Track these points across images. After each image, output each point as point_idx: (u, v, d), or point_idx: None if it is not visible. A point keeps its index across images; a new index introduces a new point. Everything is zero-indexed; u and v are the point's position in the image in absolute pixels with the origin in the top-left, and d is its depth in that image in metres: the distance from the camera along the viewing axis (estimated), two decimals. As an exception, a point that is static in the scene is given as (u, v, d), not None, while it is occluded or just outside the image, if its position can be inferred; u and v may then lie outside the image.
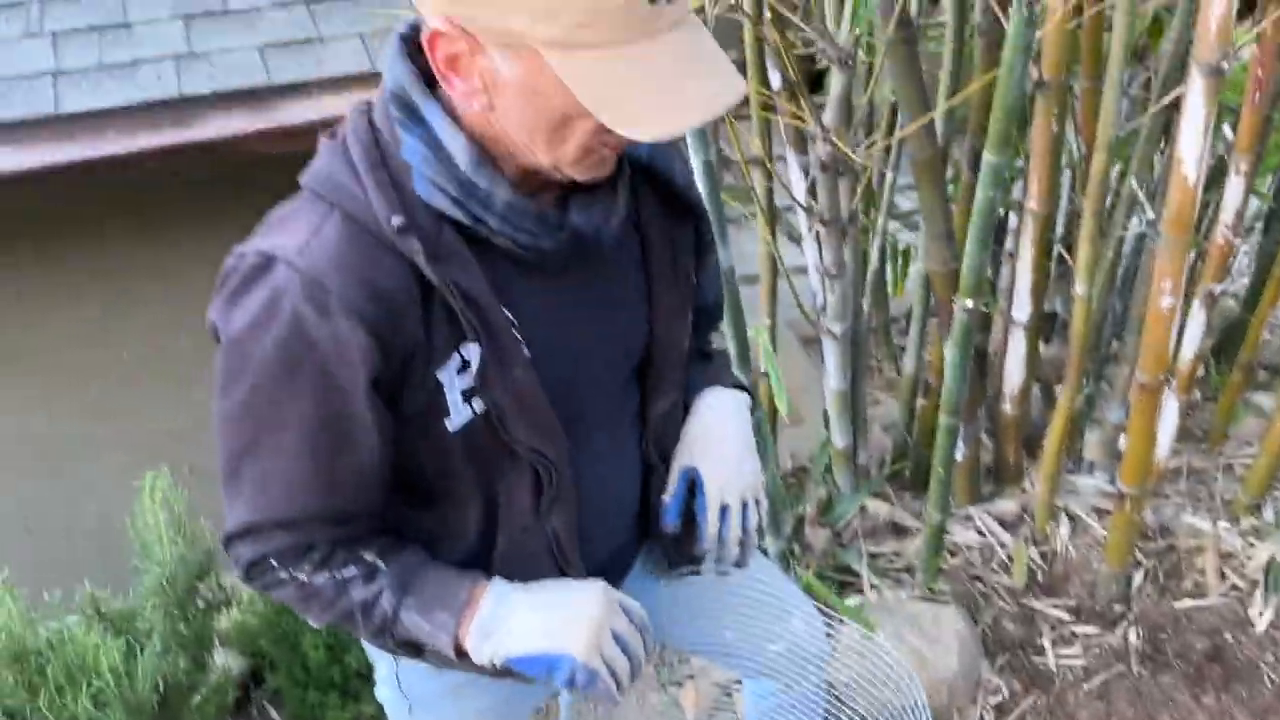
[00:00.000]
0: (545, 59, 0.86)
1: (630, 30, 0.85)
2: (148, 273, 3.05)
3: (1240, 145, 2.08)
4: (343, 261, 0.93)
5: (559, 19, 0.84)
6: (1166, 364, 2.01)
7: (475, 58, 0.89)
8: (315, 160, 1.00)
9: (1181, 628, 2.24)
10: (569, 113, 0.90)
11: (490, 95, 0.92)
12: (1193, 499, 2.68)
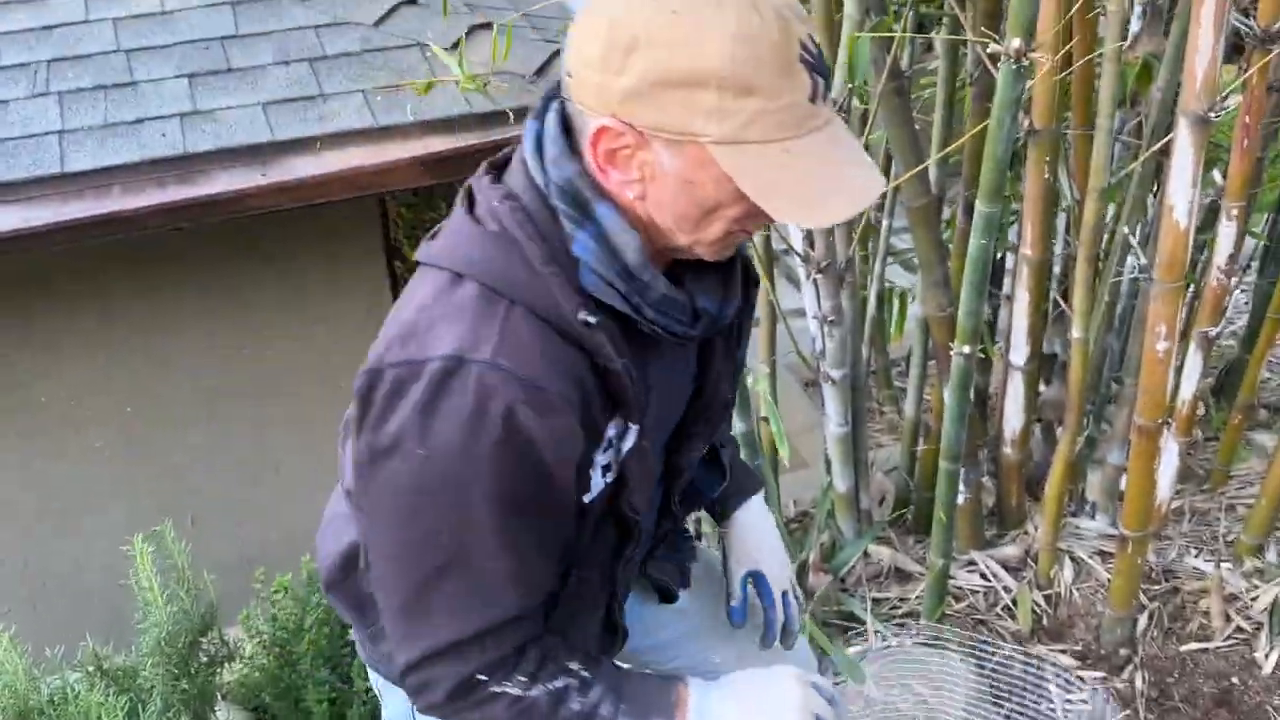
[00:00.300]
0: (712, 154, 0.92)
1: (791, 128, 0.92)
2: (151, 326, 3.08)
3: (1230, 191, 2.10)
4: (545, 357, 0.96)
5: (731, 119, 0.90)
6: (1164, 407, 2.02)
7: (637, 151, 0.95)
8: (467, 248, 0.99)
9: (1188, 671, 2.23)
10: (722, 201, 0.95)
11: (645, 184, 0.97)
12: (1196, 540, 2.67)
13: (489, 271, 0.97)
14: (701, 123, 0.90)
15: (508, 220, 0.98)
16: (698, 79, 0.89)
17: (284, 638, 2.52)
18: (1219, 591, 2.35)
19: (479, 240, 0.99)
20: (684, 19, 0.89)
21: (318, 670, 2.48)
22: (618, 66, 0.91)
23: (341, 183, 2.51)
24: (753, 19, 0.89)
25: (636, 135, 0.93)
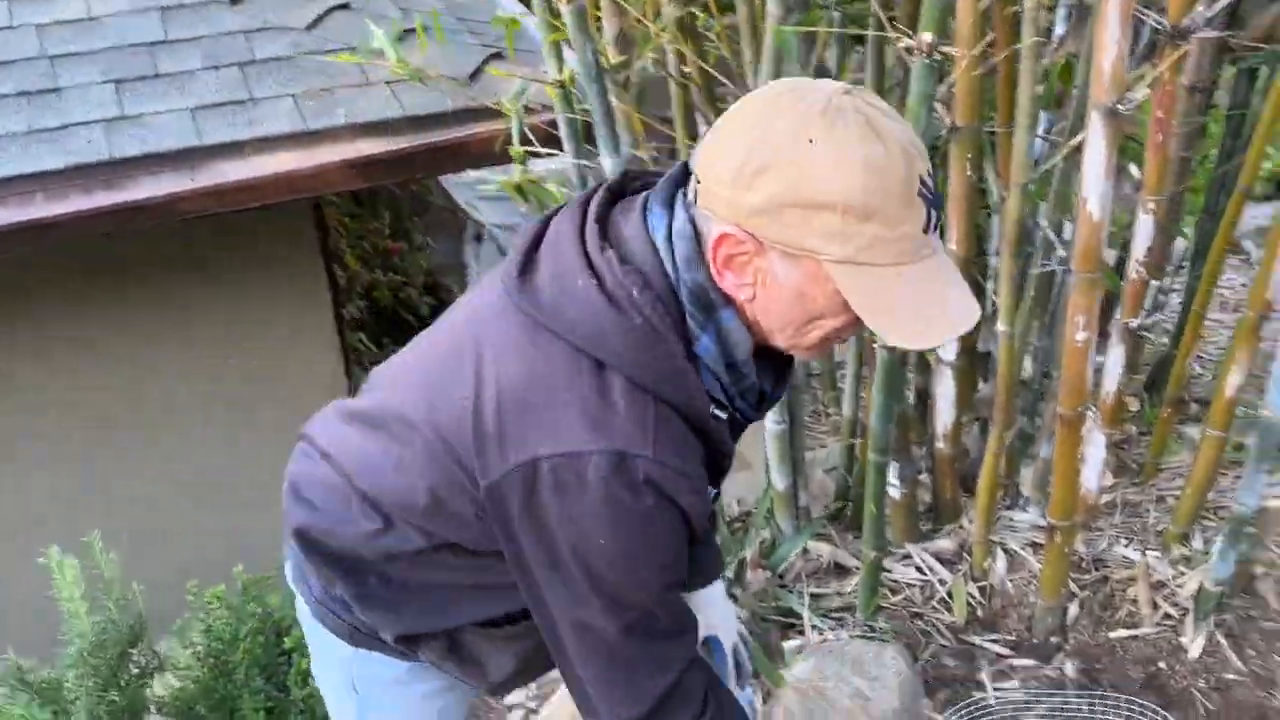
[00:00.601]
0: (828, 270, 0.99)
1: (905, 254, 0.99)
2: (83, 339, 3.03)
3: (1148, 186, 2.15)
4: (689, 448, 1.08)
5: (850, 241, 0.97)
6: (1084, 396, 2.05)
7: (755, 259, 1.02)
8: (613, 338, 1.04)
9: (1117, 657, 2.27)
10: (828, 312, 1.03)
11: (757, 289, 1.04)
12: (1126, 531, 2.72)
13: (637, 367, 1.04)
14: (822, 242, 0.97)
15: (653, 315, 1.04)
16: (825, 203, 0.96)
17: (219, 648, 2.49)
18: (1146, 579, 2.39)
19: (624, 331, 1.04)
20: (819, 148, 0.95)
21: (253, 679, 2.45)
22: (748, 184, 0.98)
23: (272, 186, 2.50)
24: (881, 152, 0.96)
25: (756, 244, 1.00)
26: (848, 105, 0.97)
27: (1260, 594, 2.38)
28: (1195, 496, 2.51)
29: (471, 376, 1.10)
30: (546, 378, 1.06)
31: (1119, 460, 3.16)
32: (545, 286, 1.08)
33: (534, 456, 1.04)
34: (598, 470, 1.02)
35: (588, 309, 1.04)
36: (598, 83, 1.93)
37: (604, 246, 1.06)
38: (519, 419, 1.06)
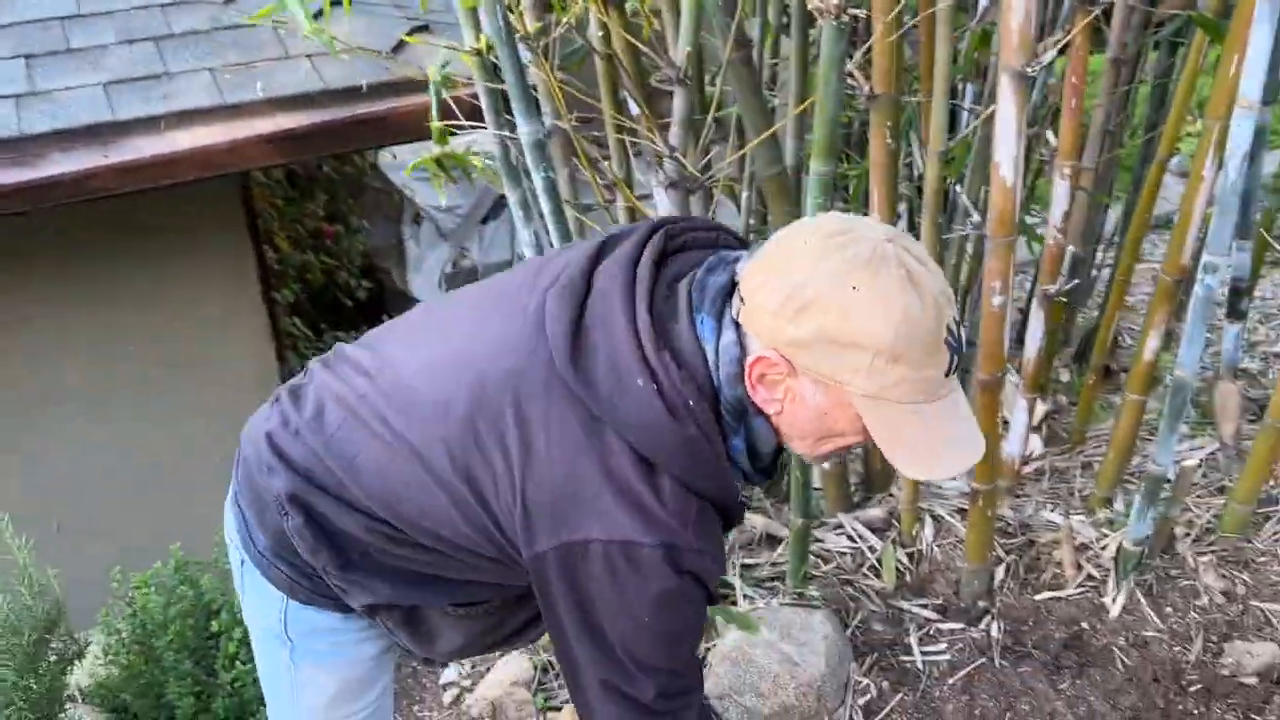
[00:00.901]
0: (854, 402, 1.09)
1: (925, 394, 1.08)
2: (5, 323, 2.96)
3: (1063, 152, 2.19)
4: (719, 533, 1.20)
5: (878, 378, 1.06)
6: (1002, 361, 2.08)
7: (787, 379, 1.11)
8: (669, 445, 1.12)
9: (1041, 619, 2.31)
10: (845, 432, 1.13)
11: (784, 404, 1.13)
12: (1053, 496, 2.77)
13: (687, 471, 1.13)
14: (851, 376, 1.07)
15: (705, 425, 1.13)
16: (860, 345, 1.05)
17: (146, 632, 2.45)
18: (1070, 542, 2.43)
19: (679, 440, 1.12)
20: (861, 295, 1.04)
21: (181, 663, 2.41)
22: (791, 317, 1.06)
23: (189, 162, 2.45)
24: (917, 304, 1.05)
25: (790, 368, 1.10)
26: (891, 255, 1.06)
27: (1180, 554, 2.43)
28: (1117, 460, 2.56)
29: (517, 448, 1.15)
30: (603, 472, 1.13)
31: (1050, 430, 3.22)
32: (602, 379, 1.13)
33: (586, 538, 1.13)
34: (650, 559, 1.12)
35: (648, 414, 1.11)
36: (509, 46, 1.91)
37: (660, 347, 1.12)
38: (573, 503, 1.14)
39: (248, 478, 1.36)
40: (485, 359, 1.20)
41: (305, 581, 1.37)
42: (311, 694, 1.48)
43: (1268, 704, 2.01)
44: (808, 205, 1.90)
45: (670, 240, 1.21)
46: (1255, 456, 2.33)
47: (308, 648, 1.44)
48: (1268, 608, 2.25)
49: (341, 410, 1.28)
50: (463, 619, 1.43)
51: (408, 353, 1.29)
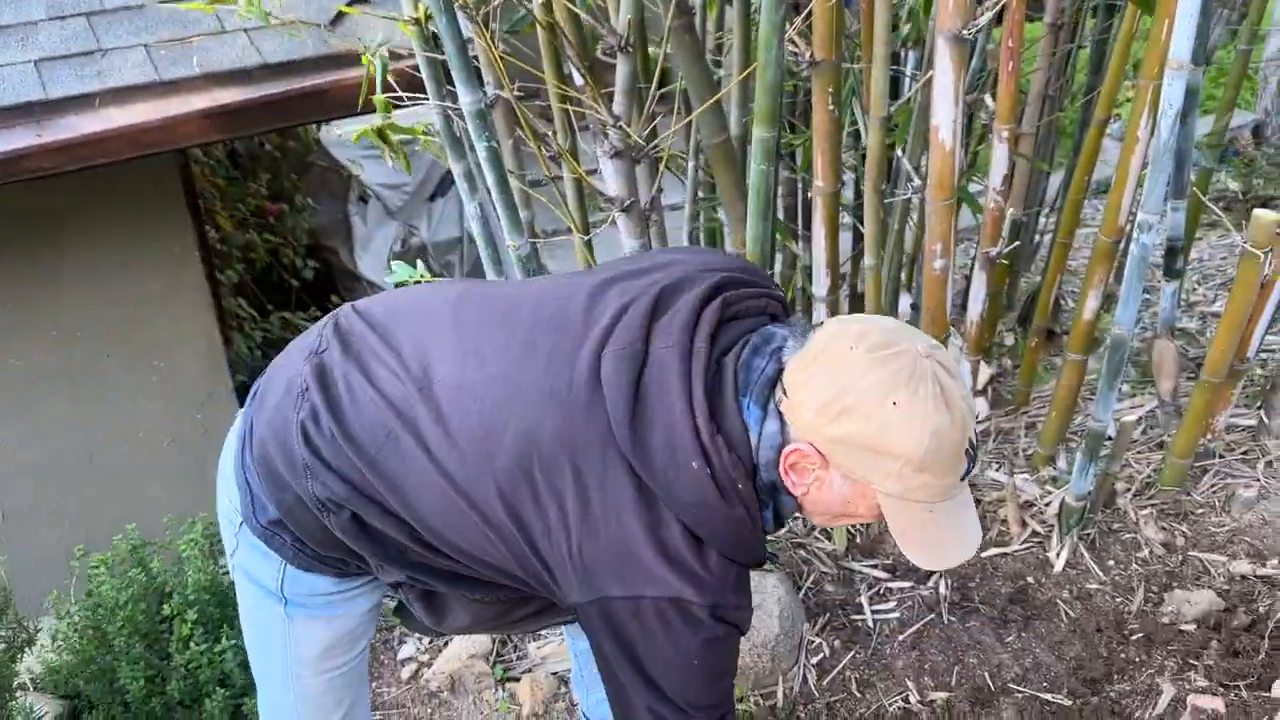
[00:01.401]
0: (879, 499, 1.18)
1: (940, 497, 1.18)
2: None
3: (1001, 115, 2.22)
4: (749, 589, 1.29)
5: (904, 484, 1.16)
6: (945, 325, 2.11)
7: (817, 470, 1.20)
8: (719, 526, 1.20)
9: (988, 575, 2.36)
10: (862, 515, 1.24)
11: (811, 489, 1.22)
12: (999, 456, 2.82)
13: (729, 547, 1.22)
14: (880, 479, 1.16)
15: (751, 506, 1.22)
16: (891, 453, 1.14)
17: (97, 617, 2.42)
18: (1014, 500, 2.48)
19: (727, 521, 1.20)
20: (900, 412, 1.13)
21: (133, 647, 2.39)
22: (832, 418, 1.15)
23: (124, 140, 2.40)
24: (947, 422, 1.13)
25: (823, 461, 1.19)
26: (928, 372, 1.14)
27: (1121, 508, 2.50)
28: (1059, 419, 2.61)
29: (574, 504, 1.21)
30: (655, 541, 1.20)
31: (995, 393, 3.28)
32: (658, 456, 1.19)
33: (640, 594, 1.20)
34: (699, 614, 1.21)
35: (701, 495, 1.18)
36: (448, 14, 1.89)
37: (714, 432, 1.19)
38: (626, 563, 1.20)
39: (264, 459, 1.35)
40: (538, 406, 1.23)
41: (308, 551, 1.40)
42: (306, 647, 1.51)
43: (1205, 649, 2.07)
44: (751, 171, 1.91)
45: (726, 308, 1.26)
46: (1192, 411, 2.40)
47: (303, 604, 1.47)
48: (1206, 557, 2.32)
49: (382, 427, 1.27)
50: (477, 603, 1.49)
51: (447, 365, 1.29)
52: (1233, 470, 2.54)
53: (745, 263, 1.42)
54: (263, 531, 1.40)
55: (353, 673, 1.58)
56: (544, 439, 1.21)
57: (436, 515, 1.27)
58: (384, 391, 1.28)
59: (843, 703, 2.11)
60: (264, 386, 1.41)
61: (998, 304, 3.35)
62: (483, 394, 1.25)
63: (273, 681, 1.57)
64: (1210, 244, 4.57)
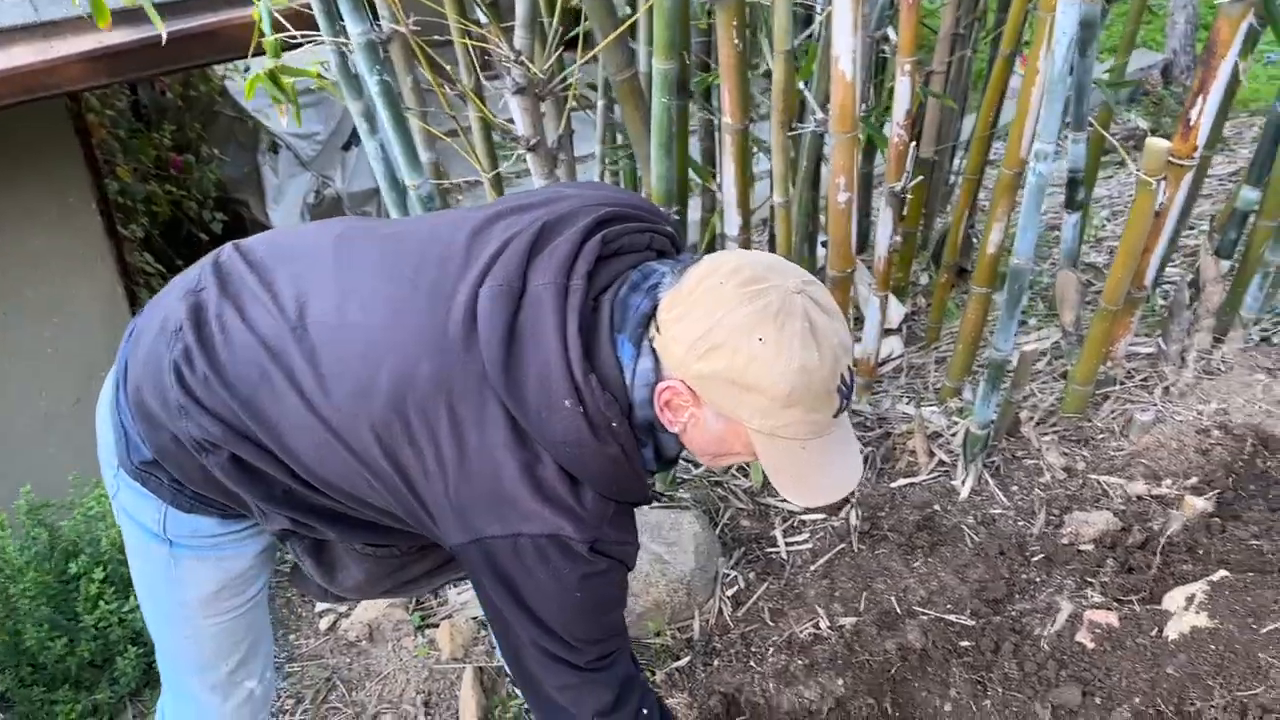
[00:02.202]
0: (750, 435, 1.18)
1: (812, 434, 1.17)
2: None
3: (903, 48, 2.22)
4: (632, 524, 1.30)
5: (772, 419, 1.15)
6: (851, 259, 2.13)
7: (691, 407, 1.20)
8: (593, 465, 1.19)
9: (897, 504, 2.41)
10: (739, 452, 1.24)
11: (687, 428, 1.23)
12: (910, 391, 2.88)
13: (606, 486, 1.22)
14: (749, 415, 1.16)
15: (625, 444, 1.21)
16: (758, 389, 1.13)
17: (1, 580, 2.36)
18: (922, 431, 2.53)
19: (601, 459, 1.20)
20: (766, 346, 1.12)
21: (38, 608, 2.33)
22: (701, 354, 1.15)
23: (5, 85, 2.29)
24: (815, 358, 1.13)
25: (695, 398, 1.19)
26: (798, 308, 1.13)
27: (1025, 436, 2.56)
28: (966, 352, 2.66)
29: (450, 444, 1.20)
30: (531, 480, 1.19)
31: (909, 330, 3.33)
32: (532, 395, 1.18)
33: (517, 532, 1.20)
34: (579, 548, 1.21)
35: (574, 434, 1.18)
36: (336, -55, 1.84)
37: (588, 371, 1.18)
38: (502, 501, 1.20)
39: (139, 400, 1.33)
40: (414, 347, 1.21)
41: (188, 492, 1.37)
42: (193, 589, 1.48)
43: (1101, 567, 2.15)
44: (654, 105, 1.89)
45: (606, 245, 1.24)
46: (1091, 339, 2.46)
47: (188, 545, 1.44)
48: (1104, 480, 2.40)
49: (256, 367, 1.25)
50: (368, 557, 1.48)
51: (324, 305, 1.26)
52: (1132, 396, 2.63)
53: (638, 199, 1.40)
54: (138, 473, 1.37)
55: (247, 617, 1.55)
56: (420, 380, 1.20)
57: (314, 456, 1.25)
58: (258, 331, 1.25)
59: (756, 632, 2.15)
60: (140, 325, 1.38)
61: (912, 243, 3.40)
62: (358, 335, 1.24)
63: (164, 627, 1.54)
64: (1120, 180, 4.67)
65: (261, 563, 1.52)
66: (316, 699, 2.27)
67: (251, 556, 1.49)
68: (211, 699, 1.58)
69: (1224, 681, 1.78)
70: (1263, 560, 2.07)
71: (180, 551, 1.43)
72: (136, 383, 1.32)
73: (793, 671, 1.99)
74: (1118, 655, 1.90)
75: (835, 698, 1.93)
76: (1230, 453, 2.37)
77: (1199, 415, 2.52)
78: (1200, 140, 2.14)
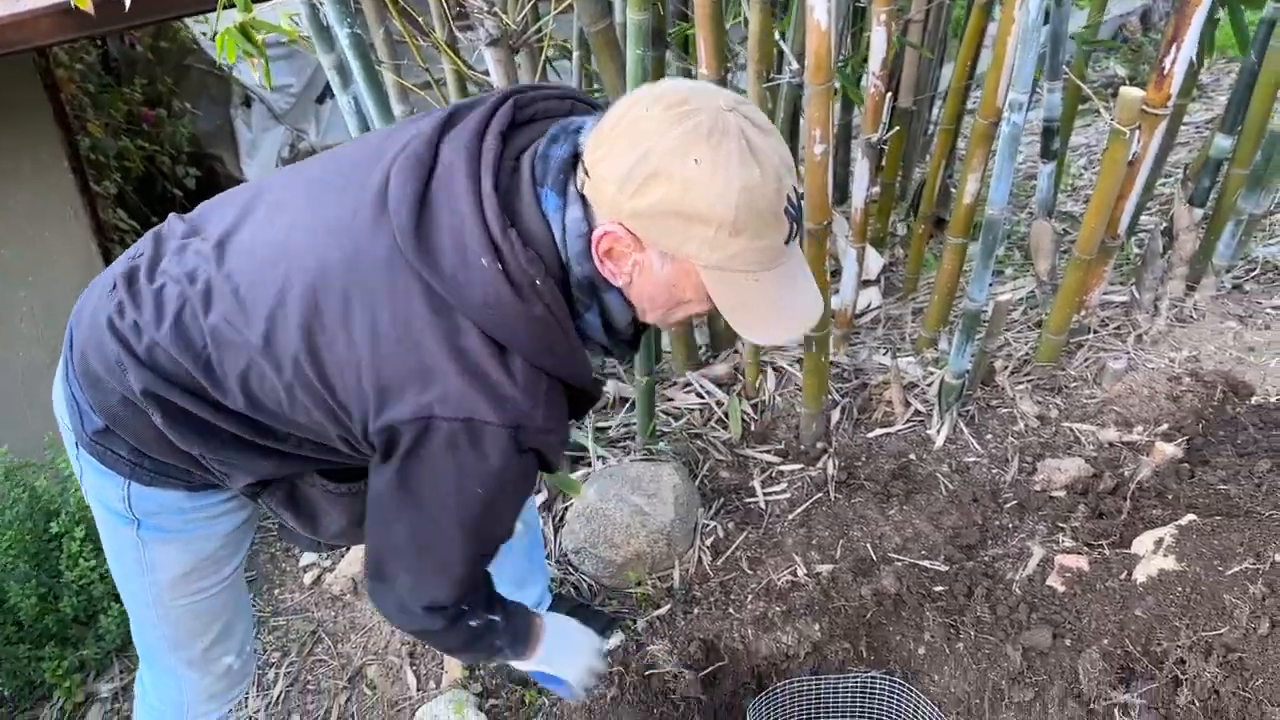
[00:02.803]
0: (700, 274, 1.10)
1: (764, 263, 1.10)
2: None
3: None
4: (563, 413, 1.21)
5: (720, 250, 1.08)
6: (828, 211, 2.13)
7: (634, 253, 1.12)
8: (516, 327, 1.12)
9: (873, 454, 2.44)
10: (692, 300, 1.15)
11: (633, 278, 1.14)
12: (886, 342, 2.90)
13: (536, 352, 1.14)
14: (695, 249, 1.08)
15: (553, 304, 1.13)
16: (701, 217, 1.06)
17: (-21, 541, 2.36)
18: (898, 381, 2.56)
19: (527, 320, 1.12)
20: (703, 169, 1.04)
21: (18, 566, 2.34)
22: (634, 190, 1.06)
23: (-29, 39, 2.25)
24: (756, 176, 1.06)
25: (636, 241, 1.10)
26: (732, 126, 1.06)
27: (999, 385, 2.59)
28: (942, 302, 2.68)
29: (362, 328, 1.14)
30: (451, 351, 1.12)
31: (887, 281, 3.35)
32: (446, 258, 1.11)
33: (431, 415, 1.13)
34: (494, 439, 1.14)
35: (493, 295, 1.10)
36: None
37: (506, 225, 1.10)
38: (419, 380, 1.13)
39: (85, 367, 1.32)
40: (324, 241, 1.17)
41: (147, 463, 1.36)
42: (163, 571, 1.47)
43: (1073, 513, 2.19)
44: (629, 56, 1.88)
45: (519, 110, 1.19)
46: (1065, 288, 2.48)
47: (156, 524, 1.43)
48: (1077, 427, 2.44)
49: (178, 300, 1.24)
50: (341, 497, 1.45)
51: (242, 235, 1.24)
52: (1105, 344, 2.66)
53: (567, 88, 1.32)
54: (94, 446, 1.36)
55: (220, 597, 1.54)
56: (330, 269, 1.16)
57: (242, 382, 1.23)
58: (184, 267, 1.25)
59: (735, 580, 2.18)
60: (84, 298, 1.37)
61: (890, 194, 3.40)
62: (275, 247, 1.20)
63: (138, 606, 1.54)
64: (1098, 129, 4.68)
65: (234, 544, 1.52)
66: (302, 651, 2.30)
67: (222, 537, 1.48)
68: (189, 674, 1.59)
69: (1190, 622, 1.82)
70: (1230, 504, 2.11)
71: (148, 533, 1.43)
72: (81, 349, 1.32)
73: (770, 618, 2.02)
74: (1087, 598, 1.94)
75: (812, 642, 1.97)
76: (1201, 399, 2.40)
77: (1171, 363, 2.55)
78: (1174, 89, 2.15)
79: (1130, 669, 1.79)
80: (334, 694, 2.19)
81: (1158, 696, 1.73)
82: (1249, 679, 1.67)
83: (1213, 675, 1.69)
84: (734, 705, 1.97)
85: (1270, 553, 1.81)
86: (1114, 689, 1.76)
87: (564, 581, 2.30)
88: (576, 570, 2.32)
